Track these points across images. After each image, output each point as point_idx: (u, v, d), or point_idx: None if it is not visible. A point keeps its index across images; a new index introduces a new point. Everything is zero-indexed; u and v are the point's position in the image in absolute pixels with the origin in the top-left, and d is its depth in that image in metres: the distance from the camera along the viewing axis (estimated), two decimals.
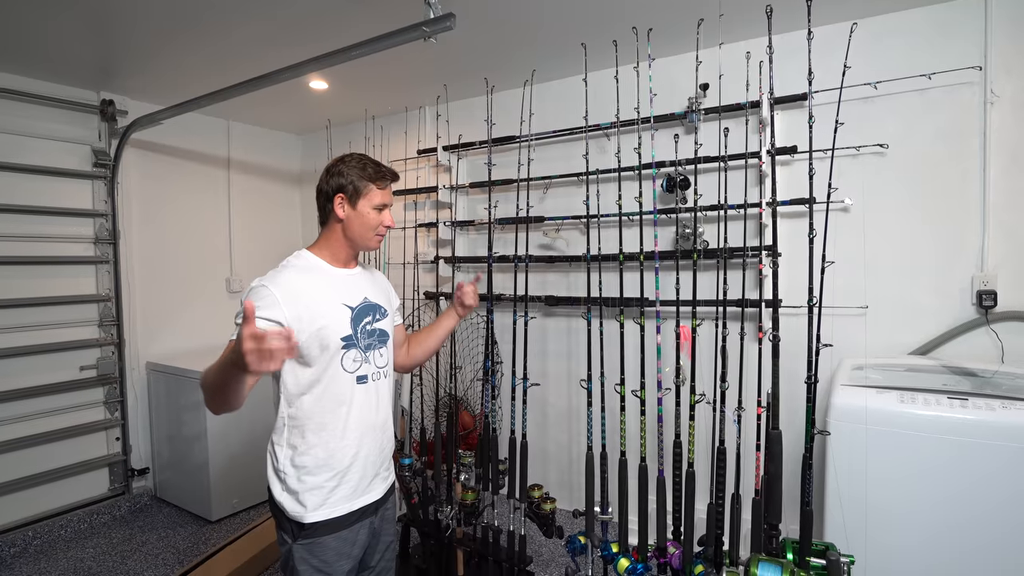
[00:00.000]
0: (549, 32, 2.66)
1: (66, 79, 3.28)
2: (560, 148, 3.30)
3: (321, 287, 1.50)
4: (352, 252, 1.61)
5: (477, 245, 3.67)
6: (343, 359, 1.48)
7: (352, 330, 1.51)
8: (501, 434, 2.77)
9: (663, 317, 2.33)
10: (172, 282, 3.90)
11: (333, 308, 1.49)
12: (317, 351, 1.44)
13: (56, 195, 3.32)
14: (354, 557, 1.51)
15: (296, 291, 1.43)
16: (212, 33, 2.67)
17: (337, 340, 1.47)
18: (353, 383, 1.50)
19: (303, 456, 1.46)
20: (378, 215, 1.55)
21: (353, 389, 1.50)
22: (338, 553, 1.47)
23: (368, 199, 1.54)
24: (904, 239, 2.48)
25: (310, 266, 1.54)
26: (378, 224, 1.56)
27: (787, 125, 2.63)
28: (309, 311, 1.43)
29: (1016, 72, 2.28)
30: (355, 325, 1.52)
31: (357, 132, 3.87)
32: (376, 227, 1.56)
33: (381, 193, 1.55)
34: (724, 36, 2.41)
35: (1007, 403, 1.77)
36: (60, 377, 3.33)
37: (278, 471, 1.48)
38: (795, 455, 1.86)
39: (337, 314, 1.49)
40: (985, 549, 1.75)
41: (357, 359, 1.51)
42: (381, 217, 1.56)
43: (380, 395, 1.58)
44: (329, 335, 1.45)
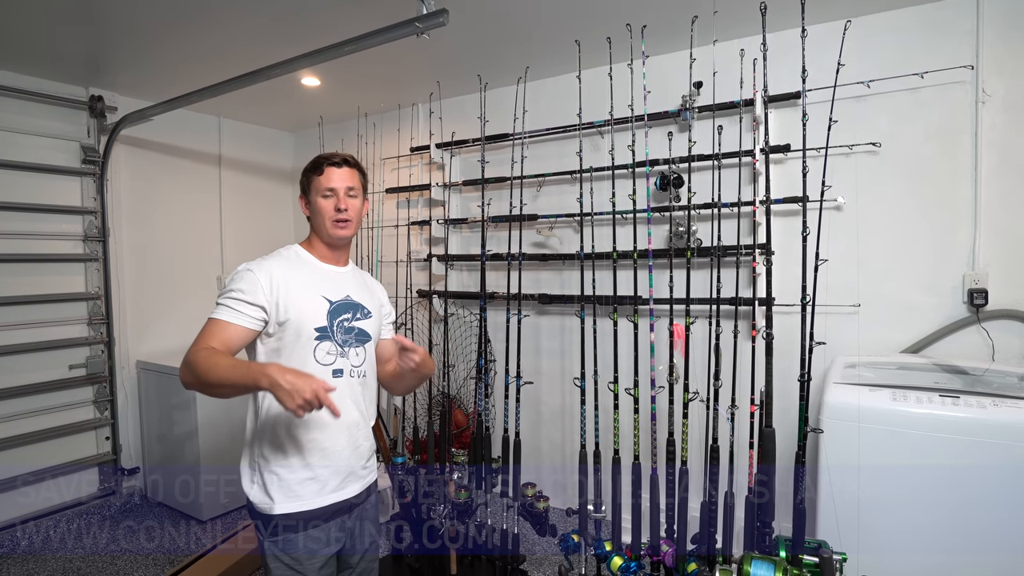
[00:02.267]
0: (543, 29, 2.65)
1: (54, 75, 3.24)
2: (554, 146, 3.29)
3: (302, 277, 1.53)
4: (331, 248, 1.62)
5: (470, 243, 3.66)
6: (316, 350, 1.49)
7: (328, 322, 1.52)
8: (494, 432, 2.76)
9: (656, 315, 2.33)
10: (163, 280, 3.87)
11: (311, 298, 1.51)
12: (292, 337, 1.47)
13: (44, 192, 3.28)
14: (325, 556, 1.51)
15: (278, 278, 1.48)
16: (203, 29, 2.64)
17: (310, 329, 1.48)
18: (328, 376, 1.50)
19: (272, 447, 1.48)
20: (327, 201, 1.55)
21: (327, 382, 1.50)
22: (308, 551, 1.47)
23: (315, 190, 1.57)
24: (896, 238, 2.49)
25: (298, 258, 1.59)
26: (329, 210, 1.55)
27: (781, 123, 2.63)
28: (287, 297, 1.47)
29: (1007, 72, 2.29)
30: (332, 319, 1.53)
31: (350, 129, 3.85)
32: (328, 214, 1.55)
33: (322, 178, 1.55)
34: (718, 34, 2.41)
35: (998, 401, 1.78)
36: (48, 376, 3.30)
37: (250, 463, 1.52)
38: (788, 453, 1.86)
39: (314, 304, 1.51)
40: (977, 545, 1.76)
41: (332, 352, 1.52)
42: (329, 203, 1.55)
43: (355, 393, 1.57)
44: (304, 323, 1.48)
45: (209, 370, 1.30)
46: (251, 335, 1.46)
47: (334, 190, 1.55)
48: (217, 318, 1.43)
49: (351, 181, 1.58)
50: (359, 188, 1.61)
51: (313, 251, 1.61)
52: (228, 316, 1.42)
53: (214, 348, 1.37)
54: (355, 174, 1.60)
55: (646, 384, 2.26)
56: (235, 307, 1.43)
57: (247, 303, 1.43)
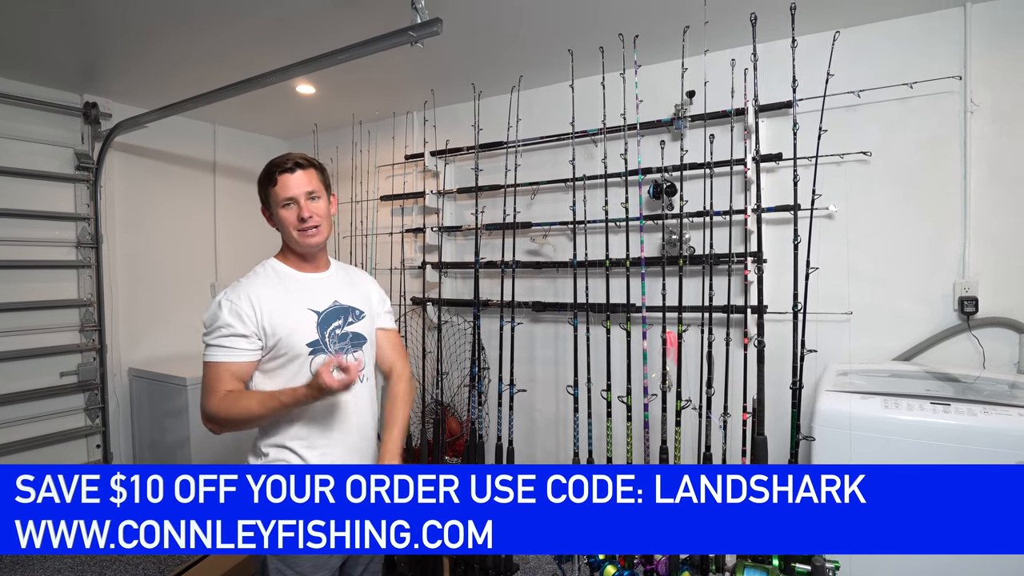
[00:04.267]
0: (536, 37, 2.67)
1: (49, 81, 3.24)
2: (548, 154, 3.30)
3: (283, 294, 1.47)
4: (307, 257, 1.55)
5: (464, 251, 3.66)
6: (311, 365, 1.45)
7: (319, 335, 1.47)
8: (488, 441, 2.75)
9: (649, 323, 2.33)
10: (156, 287, 3.85)
11: (296, 314, 1.45)
12: (286, 356, 1.43)
13: (37, 198, 3.27)
14: (332, 567, 1.48)
15: (260, 301, 1.41)
16: (198, 35, 2.65)
17: (302, 346, 1.44)
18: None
19: (277, 462, 1.44)
20: (288, 212, 1.47)
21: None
22: (314, 564, 1.44)
23: (274, 202, 1.48)
24: (887, 246, 2.51)
25: (275, 273, 1.52)
26: (293, 220, 1.47)
27: (772, 133, 2.65)
28: (272, 318, 1.41)
29: (995, 82, 2.32)
30: (322, 330, 1.48)
31: (344, 137, 3.85)
32: (293, 224, 1.47)
33: (277, 189, 1.46)
34: (709, 44, 2.43)
35: (988, 408, 1.79)
36: (39, 383, 3.27)
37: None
38: (780, 460, 1.86)
39: (301, 319, 1.46)
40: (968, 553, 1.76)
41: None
42: (291, 213, 1.46)
43: (360, 400, 1.54)
44: (295, 342, 1.43)
45: (242, 416, 1.30)
46: (254, 366, 1.43)
47: (293, 198, 1.45)
48: (216, 361, 1.37)
49: (309, 184, 1.47)
50: (320, 188, 1.51)
51: (289, 262, 1.54)
52: (227, 356, 1.37)
53: (230, 391, 1.35)
54: (312, 174, 1.49)
55: (639, 392, 2.26)
56: (228, 344, 1.38)
57: (238, 336, 1.38)
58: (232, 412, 1.30)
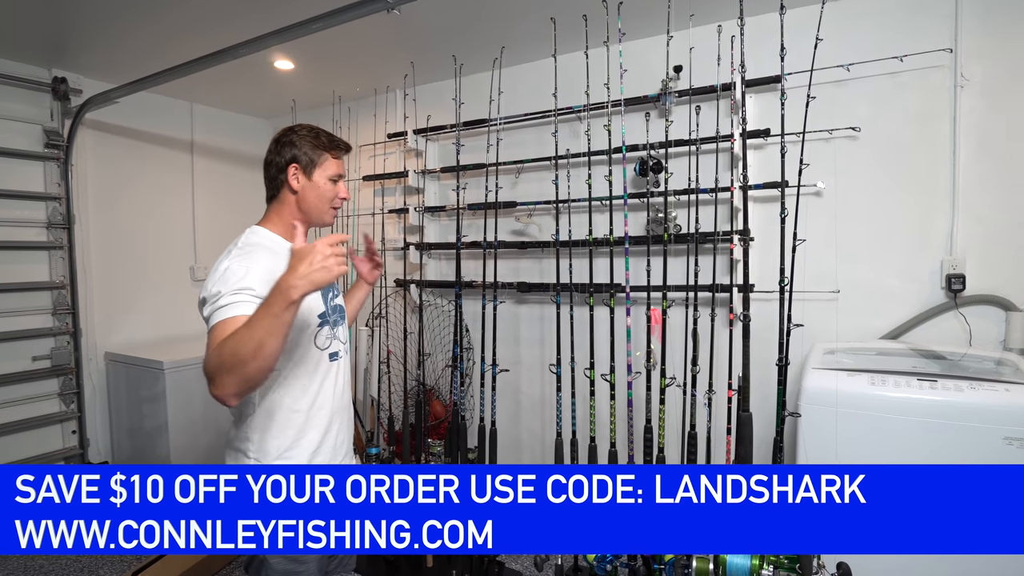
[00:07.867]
0: (517, 7, 2.58)
1: (15, 55, 3.12)
2: (532, 132, 3.24)
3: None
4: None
5: (448, 231, 3.59)
6: (316, 337, 1.44)
7: (325, 306, 1.47)
8: (472, 423, 2.71)
9: (633, 300, 2.29)
10: (132, 269, 3.76)
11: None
12: (296, 329, 1.35)
13: (4, 177, 3.16)
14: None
15: (273, 273, 1.24)
16: (170, 7, 2.54)
17: (314, 317, 1.43)
18: (326, 361, 1.46)
19: (273, 440, 1.38)
20: (333, 187, 1.48)
21: (327, 368, 1.46)
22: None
23: (323, 169, 1.45)
24: (875, 223, 2.47)
25: (276, 244, 1.42)
26: (334, 196, 1.48)
27: (760, 109, 2.60)
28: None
29: (986, 55, 2.27)
30: (326, 301, 1.48)
31: (325, 115, 3.76)
32: (332, 199, 1.48)
33: (336, 163, 1.49)
34: (697, 15, 2.37)
35: (975, 384, 1.77)
36: (11, 368, 3.18)
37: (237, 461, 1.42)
38: (766, 438, 1.83)
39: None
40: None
41: (328, 336, 1.47)
42: (336, 188, 1.49)
43: (347, 373, 1.54)
44: (308, 312, 1.41)
45: (237, 347, 1.10)
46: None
47: (341, 176, 1.51)
48: (234, 316, 1.20)
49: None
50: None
51: (279, 231, 1.44)
52: (248, 310, 1.20)
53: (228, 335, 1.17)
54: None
55: (622, 370, 2.22)
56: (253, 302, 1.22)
57: (260, 299, 1.20)
58: (230, 347, 1.11)
